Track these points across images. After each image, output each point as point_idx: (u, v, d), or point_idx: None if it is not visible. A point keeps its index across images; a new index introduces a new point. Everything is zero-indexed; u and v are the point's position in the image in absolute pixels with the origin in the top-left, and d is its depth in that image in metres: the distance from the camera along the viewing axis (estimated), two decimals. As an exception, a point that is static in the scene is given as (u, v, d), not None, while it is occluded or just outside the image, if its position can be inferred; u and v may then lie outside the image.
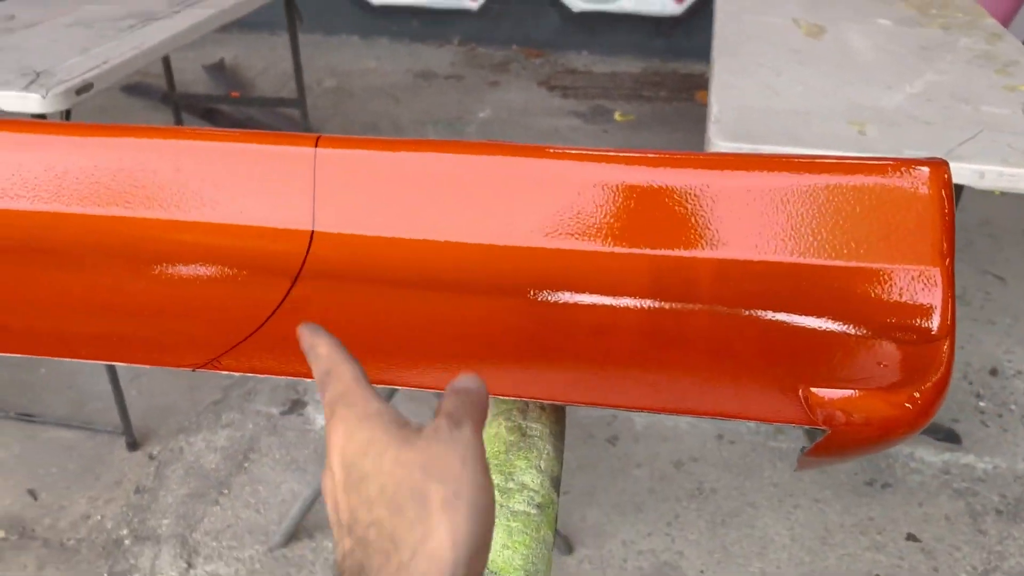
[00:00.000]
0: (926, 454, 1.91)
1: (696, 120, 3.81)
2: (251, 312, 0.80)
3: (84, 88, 1.55)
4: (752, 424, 1.99)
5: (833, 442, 0.65)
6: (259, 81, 4.05)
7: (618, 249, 0.84)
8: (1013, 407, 2.06)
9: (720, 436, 1.96)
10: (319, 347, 0.46)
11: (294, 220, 0.89)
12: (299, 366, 0.75)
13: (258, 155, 0.89)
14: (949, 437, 1.94)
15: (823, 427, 0.63)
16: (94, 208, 0.90)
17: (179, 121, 3.25)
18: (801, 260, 0.81)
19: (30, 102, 1.49)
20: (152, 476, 1.86)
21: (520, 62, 4.35)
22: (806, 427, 0.68)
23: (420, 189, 0.87)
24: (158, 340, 0.77)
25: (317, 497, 1.64)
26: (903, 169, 0.80)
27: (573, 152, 0.86)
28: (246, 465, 1.88)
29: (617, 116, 3.77)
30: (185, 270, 0.83)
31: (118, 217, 0.89)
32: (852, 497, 1.80)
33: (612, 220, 0.84)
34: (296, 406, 2.05)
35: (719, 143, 1.54)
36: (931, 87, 1.81)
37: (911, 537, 1.71)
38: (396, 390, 1.64)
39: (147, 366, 0.73)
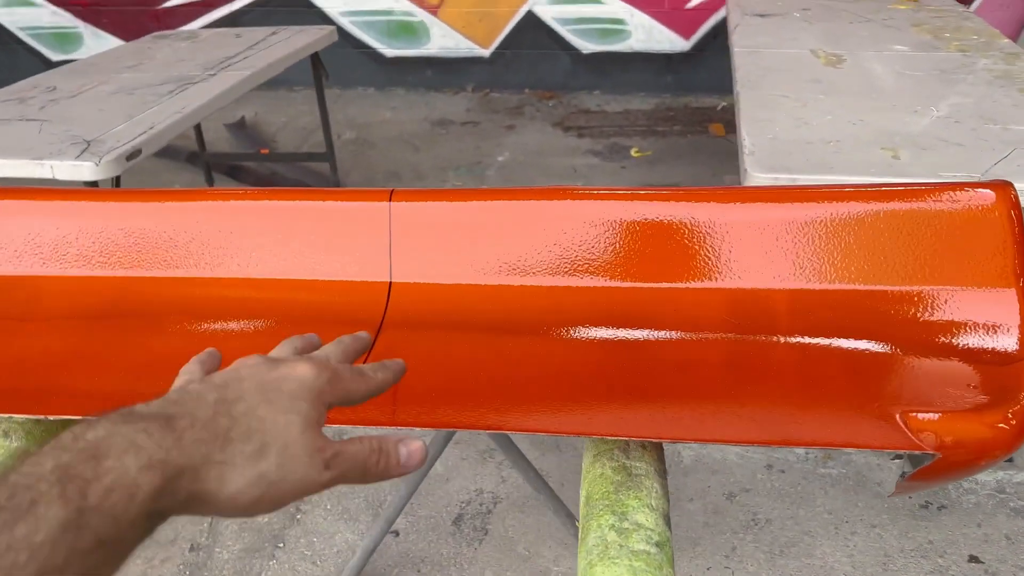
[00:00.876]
0: (979, 474, 1.90)
1: (712, 152, 3.86)
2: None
3: (134, 154, 1.60)
4: (801, 452, 1.99)
5: (938, 466, 0.66)
6: (280, 137, 4.13)
7: (694, 284, 0.86)
8: (1061, 422, 2.04)
9: (770, 466, 1.96)
10: (384, 372, 0.54)
11: (373, 272, 0.92)
12: (403, 416, 0.77)
13: (338, 212, 0.92)
14: (1000, 456, 1.93)
15: (933, 452, 0.64)
16: (180, 272, 0.92)
17: (210, 180, 3.31)
18: (876, 287, 0.83)
19: (83, 170, 1.53)
20: (206, 533, 1.87)
21: (534, 105, 4.42)
22: (913, 453, 0.69)
23: (493, 236, 0.90)
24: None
25: (375, 548, 1.64)
26: (970, 193, 0.82)
27: (643, 193, 0.89)
28: (298, 517, 1.89)
29: (634, 152, 3.82)
30: (277, 326, 0.86)
31: (209, 279, 0.91)
32: (909, 521, 1.79)
33: (686, 257, 0.86)
34: (343, 456, 2.06)
35: (756, 175, 1.56)
36: (957, 109, 1.84)
37: (973, 559, 1.69)
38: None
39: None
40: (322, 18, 4.48)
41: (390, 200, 0.92)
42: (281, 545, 1.82)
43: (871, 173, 1.52)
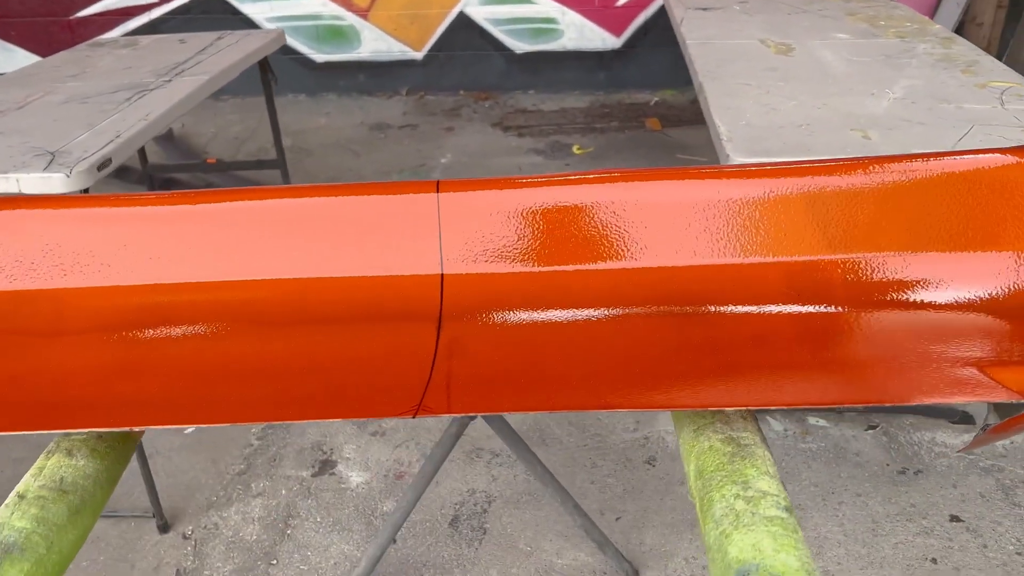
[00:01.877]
0: (947, 437, 1.99)
1: (651, 146, 3.94)
2: (418, 358, 0.80)
3: (104, 164, 1.52)
4: (779, 428, 2.05)
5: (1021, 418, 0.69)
6: (211, 147, 4.00)
7: (750, 260, 0.87)
8: (1014, 384, 2.17)
9: (752, 444, 2.01)
10: None
11: (424, 266, 0.90)
12: (477, 404, 0.76)
13: (386, 205, 0.90)
14: (964, 419, 2.03)
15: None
16: (222, 276, 0.89)
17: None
18: (923, 253, 0.86)
19: (54, 182, 1.45)
20: (191, 556, 1.79)
21: (471, 106, 4.41)
22: (994, 405, 0.72)
23: (552, 222, 0.89)
24: (358, 394, 0.76)
25: (382, 555, 1.61)
26: (995, 158, 0.86)
27: (697, 171, 0.90)
28: (288, 532, 1.83)
29: (575, 149, 3.85)
30: (346, 326, 0.83)
31: (248, 282, 0.88)
32: (890, 487, 1.86)
33: (740, 232, 0.88)
34: (326, 466, 2.01)
35: (738, 160, 1.60)
36: (910, 91, 1.93)
37: (954, 518, 1.78)
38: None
39: (339, 419, 0.72)
40: (248, 24, 4.36)
41: (437, 191, 0.90)
42: (274, 562, 1.76)
43: (848, 152, 1.57)
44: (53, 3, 4.34)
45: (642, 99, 4.42)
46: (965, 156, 0.89)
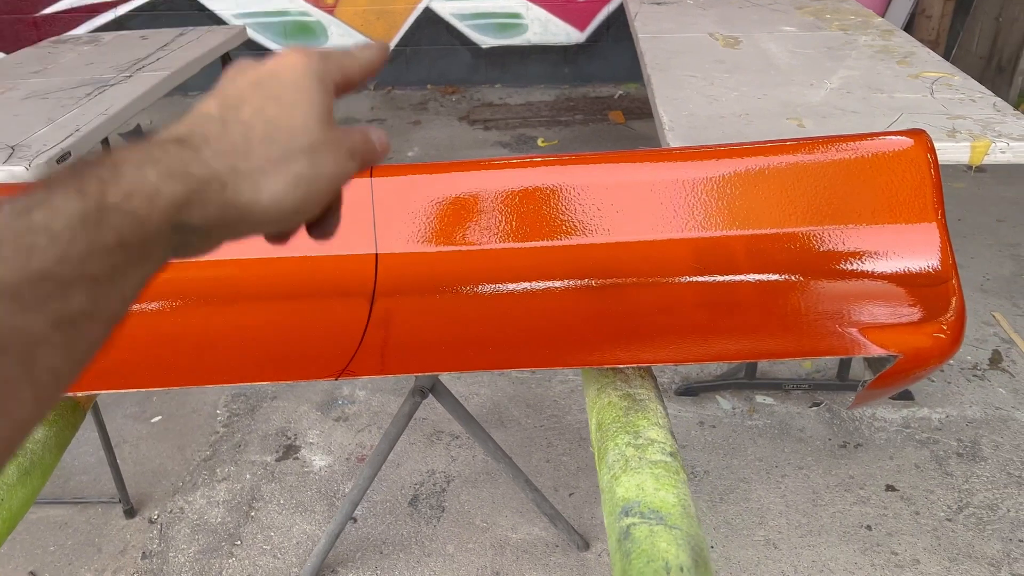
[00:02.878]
0: (886, 413, 2.08)
1: (615, 138, 4.01)
2: (351, 328, 0.86)
3: (63, 157, 1.57)
4: (727, 407, 2.13)
5: (893, 372, 0.76)
6: (180, 143, 4.02)
7: (661, 236, 0.95)
8: (951, 362, 2.26)
9: (701, 423, 2.09)
10: (369, 50, 0.48)
11: (360, 246, 0.96)
12: (397, 367, 0.83)
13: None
14: (903, 395, 2.12)
15: (896, 353, 0.74)
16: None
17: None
18: (816, 227, 0.94)
19: (14, 175, 1.50)
20: (157, 539, 1.84)
21: (438, 100, 4.46)
22: (869, 364, 0.79)
23: (478, 203, 0.96)
24: (290, 360, 0.82)
25: (340, 532, 1.67)
26: (893, 140, 0.94)
27: (610, 155, 0.97)
28: (252, 514, 1.89)
29: (540, 142, 3.92)
30: (283, 302, 0.89)
31: (197, 263, 0.94)
32: (831, 460, 1.95)
33: (651, 212, 0.95)
34: (290, 451, 2.07)
35: (679, 148, 1.67)
36: (847, 82, 2.01)
37: (890, 488, 1.87)
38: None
39: (280, 382, 0.78)
40: (214, 20, 4.38)
41: (371, 176, 0.96)
42: (238, 543, 1.82)
43: (782, 141, 1.65)
44: (18, 0, 4.34)
45: (606, 92, 4.50)
46: (865, 138, 0.96)
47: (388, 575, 1.71)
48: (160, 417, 2.22)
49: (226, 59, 2.57)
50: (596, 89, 4.55)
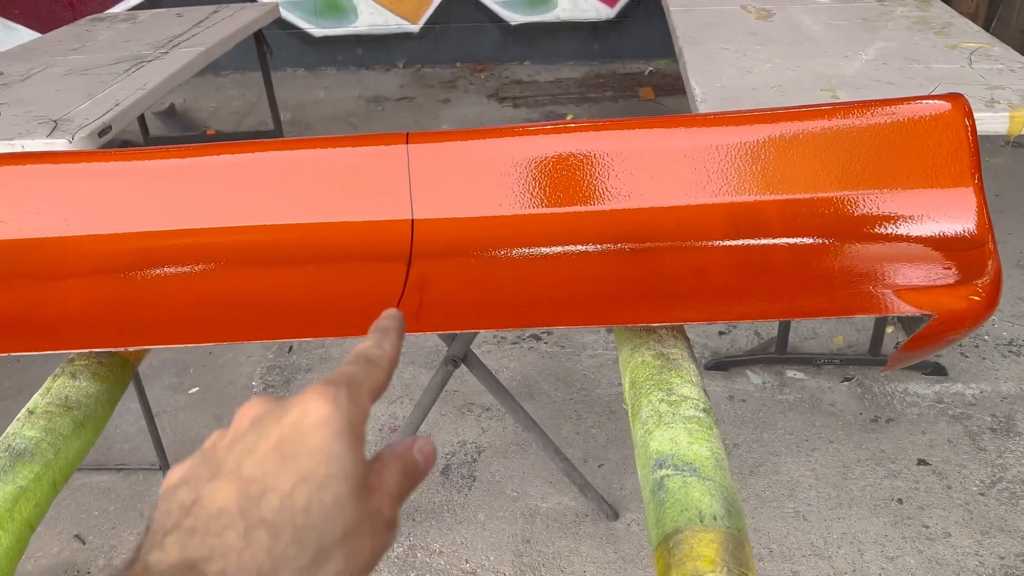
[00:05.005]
0: (919, 388, 2.07)
1: (645, 114, 3.98)
2: (388, 290, 0.88)
3: (104, 131, 1.60)
4: (758, 381, 2.13)
5: (928, 333, 0.76)
6: (212, 121, 4.07)
7: (696, 201, 0.95)
8: (986, 337, 2.24)
9: (731, 397, 2.09)
10: (388, 341, 0.42)
11: (397, 212, 0.98)
12: (431, 326, 0.85)
13: (361, 157, 0.98)
14: (937, 371, 2.10)
15: (929, 313, 0.74)
16: (210, 223, 0.97)
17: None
18: (855, 192, 0.93)
19: (57, 148, 1.53)
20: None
21: (467, 78, 4.46)
22: (903, 321, 0.79)
23: (511, 170, 0.97)
24: (330, 318, 0.84)
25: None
26: (930, 104, 0.93)
27: (645, 121, 0.97)
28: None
29: (569, 119, 3.91)
30: (323, 264, 0.91)
31: (236, 228, 0.96)
32: (862, 434, 1.95)
33: (687, 177, 0.95)
34: (324, 422, 2.10)
35: (711, 120, 1.66)
36: (883, 53, 1.99)
37: (922, 462, 1.86)
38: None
39: (329, 337, 0.80)
40: None
41: (407, 143, 0.98)
42: (275, 509, 1.86)
43: (816, 112, 1.64)
44: (54, -19, 4.40)
45: (636, 69, 4.47)
46: (901, 103, 0.96)
47: (421, 541, 1.74)
48: (197, 388, 2.27)
49: (259, 36, 2.60)
50: (626, 65, 4.52)
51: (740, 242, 0.91)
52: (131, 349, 0.82)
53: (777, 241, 0.91)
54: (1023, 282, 2.48)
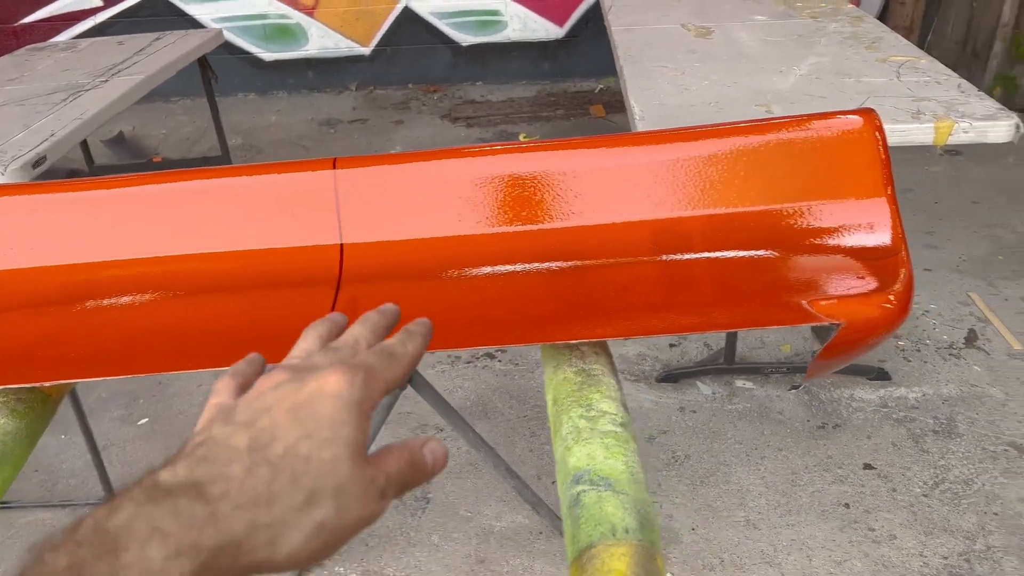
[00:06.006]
0: (864, 393, 2.11)
1: (596, 132, 4.03)
2: (317, 315, 0.88)
3: (39, 162, 1.58)
4: (708, 392, 2.16)
5: (840, 342, 0.79)
6: (163, 148, 4.03)
7: (621, 219, 0.97)
8: (928, 341, 2.30)
9: (682, 408, 2.11)
10: (413, 343, 0.47)
11: (325, 236, 0.98)
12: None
13: (286, 183, 0.98)
14: (880, 376, 2.15)
15: (838, 322, 0.76)
16: (138, 253, 0.96)
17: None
18: (773, 206, 0.96)
19: (-10, 181, 1.51)
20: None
21: (420, 99, 4.48)
22: (816, 330, 0.82)
23: (438, 192, 0.98)
24: (254, 347, 0.84)
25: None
26: (843, 119, 0.97)
27: (568, 142, 0.99)
28: (239, 512, 1.90)
29: (522, 137, 3.94)
30: (249, 292, 0.91)
31: (165, 257, 0.96)
32: (810, 441, 1.98)
33: (609, 197, 0.97)
34: (276, 449, 2.08)
35: (649, 137, 1.69)
36: (816, 68, 2.04)
37: (867, 466, 1.89)
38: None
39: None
40: (193, 25, 4.39)
41: (334, 168, 0.98)
42: (226, 539, 1.83)
43: (750, 127, 1.67)
44: (-3, 10, 4.34)
45: (587, 87, 4.52)
46: (815, 118, 0.99)
47: (374, 566, 1.73)
48: (147, 419, 2.24)
49: (203, 62, 2.59)
50: (577, 84, 4.57)
51: (664, 258, 0.93)
52: (49, 384, 0.81)
53: (699, 256, 0.93)
54: (962, 286, 2.55)
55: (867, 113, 0.96)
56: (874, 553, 1.68)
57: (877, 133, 0.96)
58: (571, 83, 4.59)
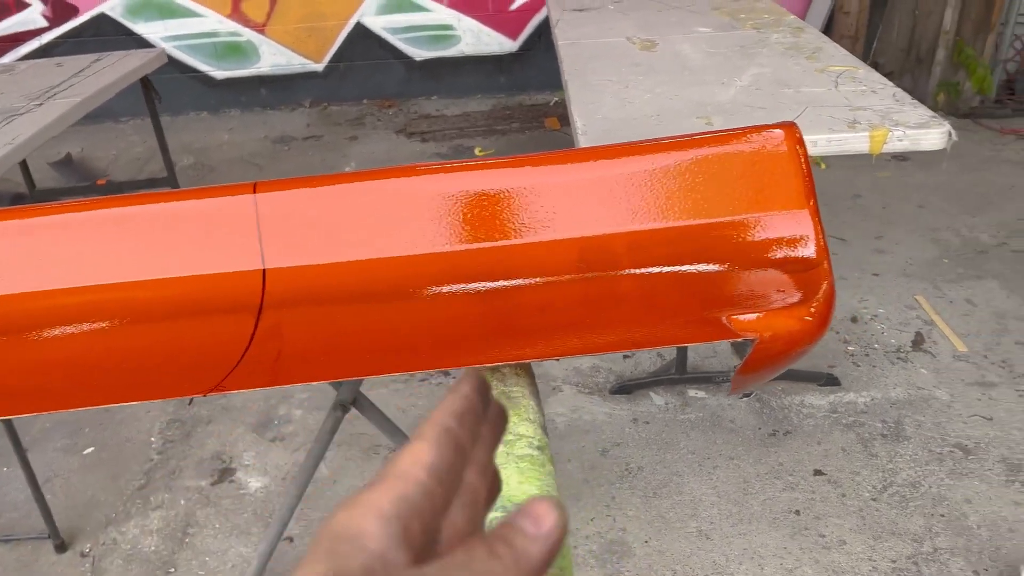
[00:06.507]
0: (814, 399, 2.13)
1: (551, 144, 4.05)
2: (233, 343, 0.87)
3: (-33, 189, 1.54)
4: (661, 402, 2.16)
5: (757, 357, 0.79)
6: (112, 170, 3.96)
7: (544, 238, 0.96)
8: (876, 346, 2.33)
9: (635, 420, 2.12)
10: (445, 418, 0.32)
11: (246, 262, 0.96)
12: (289, 378, 0.83)
13: (206, 208, 0.96)
14: (830, 381, 2.17)
15: (750, 337, 0.77)
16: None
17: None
18: (696, 221, 0.96)
19: (-87, 210, 1.47)
20: (89, 573, 1.81)
21: (374, 114, 4.46)
22: (735, 346, 0.82)
23: (358, 215, 0.97)
24: (164, 379, 0.82)
25: (272, 552, 1.66)
26: (764, 134, 0.97)
27: (489, 162, 0.98)
28: (187, 540, 1.86)
29: (477, 151, 3.94)
30: (167, 322, 0.89)
31: (84, 288, 0.93)
32: (761, 449, 1.99)
33: (533, 215, 0.97)
34: (225, 475, 2.05)
35: (591, 151, 1.70)
36: (757, 79, 2.06)
37: (817, 472, 1.91)
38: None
39: (161, 399, 0.78)
40: (141, 44, 4.33)
41: (255, 192, 0.97)
42: (172, 570, 1.79)
43: (689, 139, 1.69)
44: (-62, 32, 4.25)
45: (542, 100, 4.54)
46: (737, 132, 0.99)
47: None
48: (92, 448, 2.19)
49: (145, 82, 2.55)
50: (532, 97, 4.59)
51: (589, 275, 0.93)
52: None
53: (624, 273, 0.93)
54: (909, 290, 2.59)
55: (788, 127, 0.97)
56: (824, 559, 1.69)
57: (798, 146, 0.97)
58: (526, 96, 4.60)
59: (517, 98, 4.60)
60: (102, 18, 4.31)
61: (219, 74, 4.47)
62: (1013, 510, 1.77)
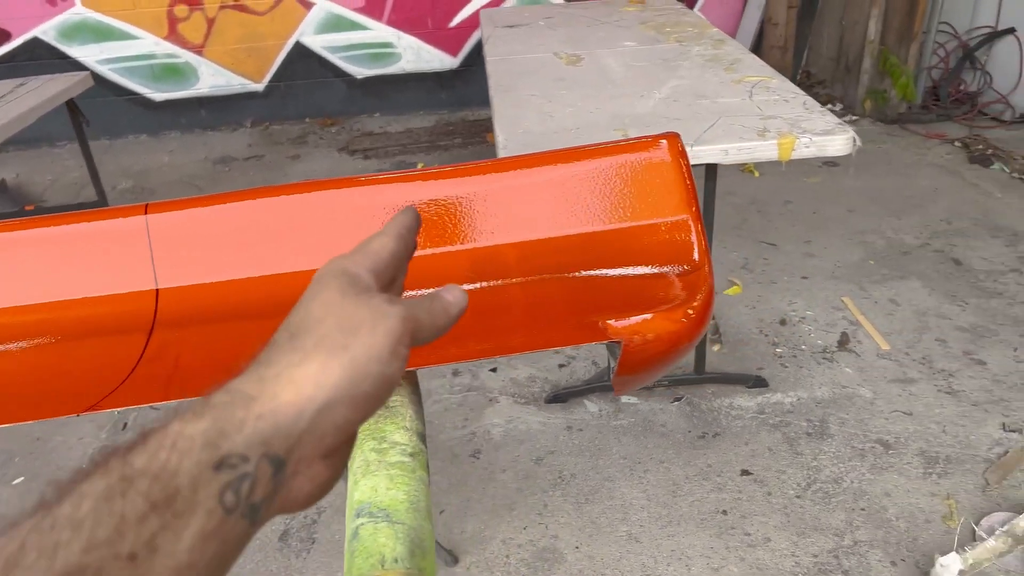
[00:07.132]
0: (743, 401, 2.18)
1: (493, 158, 4.08)
2: (122, 363, 0.87)
3: None
4: (595, 410, 2.19)
5: (632, 358, 0.82)
6: (48, 195, 3.90)
7: (440, 250, 0.99)
8: (803, 347, 2.39)
9: (569, 427, 2.14)
10: (398, 226, 0.50)
11: (138, 283, 0.97)
12: (176, 394, 0.84)
13: (95, 232, 0.97)
14: (758, 383, 2.22)
15: (617, 340, 0.80)
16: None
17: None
18: (583, 230, 0.99)
19: None
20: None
21: (317, 133, 4.46)
22: (610, 348, 0.85)
23: (251, 232, 0.98)
24: (44, 398, 0.83)
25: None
26: (647, 144, 1.01)
27: (381, 177, 1.00)
28: (117, 567, 1.84)
29: (419, 167, 3.96)
30: (53, 342, 0.89)
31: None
32: (690, 451, 2.03)
33: (430, 227, 0.99)
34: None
35: (510, 164, 1.73)
36: (675, 91, 2.12)
37: (744, 472, 1.95)
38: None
39: (40, 420, 0.79)
40: (77, 68, 4.28)
41: (146, 213, 0.98)
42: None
43: (605, 150, 1.73)
44: None
45: (484, 115, 4.57)
46: (623, 143, 1.03)
47: (256, 612, 1.70)
48: (23, 478, 2.15)
49: (72, 106, 2.53)
50: (474, 112, 4.63)
51: (479, 285, 0.96)
52: None
53: (513, 281, 0.96)
54: (837, 292, 2.66)
55: (671, 137, 1.01)
56: (750, 557, 1.73)
57: (680, 156, 1.00)
58: (469, 111, 4.64)
59: (459, 113, 4.63)
60: (36, 42, 4.25)
61: (158, 96, 4.44)
62: (929, 501, 1.83)
